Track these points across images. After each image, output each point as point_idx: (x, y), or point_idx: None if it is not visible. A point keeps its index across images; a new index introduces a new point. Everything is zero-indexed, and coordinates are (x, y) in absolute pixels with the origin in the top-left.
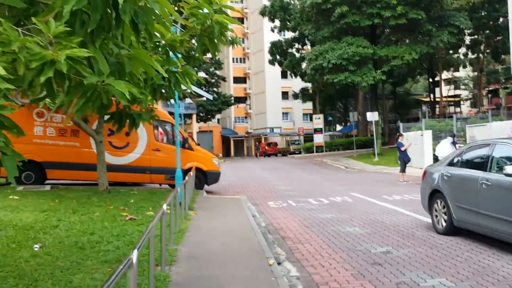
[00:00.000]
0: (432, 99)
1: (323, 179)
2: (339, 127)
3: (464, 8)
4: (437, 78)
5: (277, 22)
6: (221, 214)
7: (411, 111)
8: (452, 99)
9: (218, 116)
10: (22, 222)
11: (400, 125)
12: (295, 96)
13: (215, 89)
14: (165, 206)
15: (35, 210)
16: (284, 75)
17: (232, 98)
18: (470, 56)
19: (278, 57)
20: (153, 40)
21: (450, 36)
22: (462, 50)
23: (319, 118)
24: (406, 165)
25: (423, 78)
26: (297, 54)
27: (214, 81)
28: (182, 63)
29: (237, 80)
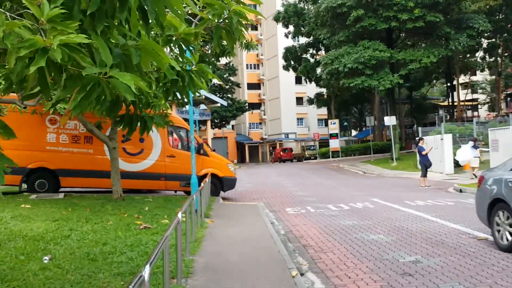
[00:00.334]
0: (450, 103)
1: (341, 185)
2: (354, 132)
3: (482, 10)
4: (454, 82)
5: (291, 28)
6: (238, 222)
7: (428, 116)
8: (469, 103)
9: (233, 122)
10: (32, 232)
11: (418, 129)
12: (310, 101)
13: (229, 95)
14: (180, 214)
15: (47, 219)
16: (298, 81)
17: (246, 104)
18: (488, 59)
19: (292, 62)
20: (164, 33)
21: (468, 38)
22: (480, 53)
23: (335, 123)
24: (427, 169)
25: (440, 83)
26: (311, 59)
27: (228, 87)
28: (197, 61)
29: (251, 86)
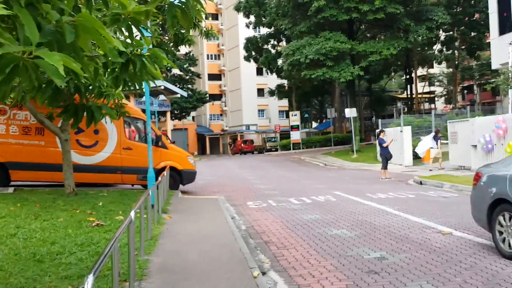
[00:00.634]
0: (408, 96)
1: (303, 177)
2: (315, 124)
3: (441, 3)
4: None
5: (252, 18)
6: (197, 217)
7: (386, 108)
8: (427, 96)
9: (193, 113)
10: None
11: (378, 121)
12: (271, 93)
13: (190, 86)
14: (133, 213)
15: None
16: (259, 72)
17: (207, 95)
18: (445, 52)
19: (253, 53)
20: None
21: (428, 31)
22: (437, 46)
23: (296, 115)
24: (388, 162)
25: (398, 75)
26: (272, 50)
27: (188, 77)
28: (149, 44)
29: (212, 77)
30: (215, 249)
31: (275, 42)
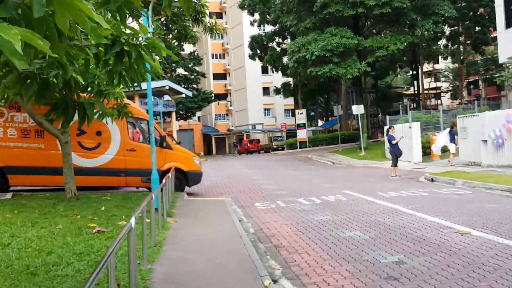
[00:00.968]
0: (415, 92)
1: (311, 176)
2: (321, 122)
3: None
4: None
5: (256, 16)
6: (204, 220)
7: (393, 105)
8: (433, 92)
9: (199, 113)
10: None
11: (386, 118)
12: (277, 91)
13: (195, 85)
14: (133, 219)
15: None
16: (264, 71)
17: (212, 95)
18: (451, 47)
19: (258, 51)
20: None
21: (434, 25)
22: (443, 41)
23: (302, 113)
24: (398, 159)
25: (403, 71)
26: (277, 48)
27: (193, 77)
28: (146, 33)
29: (217, 76)
30: (223, 256)
31: (280, 40)
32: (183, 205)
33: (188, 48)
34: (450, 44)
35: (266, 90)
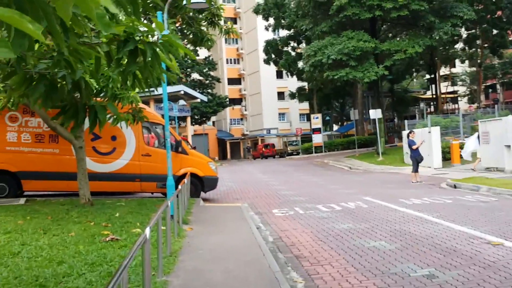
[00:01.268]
0: (433, 96)
1: (328, 182)
2: (336, 127)
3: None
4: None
5: (271, 20)
6: (220, 228)
7: (409, 109)
8: (450, 96)
9: (214, 118)
10: None
11: (405, 122)
12: (292, 96)
13: (210, 90)
14: (148, 230)
15: None
16: (279, 75)
17: (227, 100)
18: (468, 50)
19: (273, 56)
20: None
21: (453, 28)
22: (460, 45)
23: (318, 117)
24: (418, 164)
25: (419, 75)
26: (292, 53)
27: (208, 82)
28: (163, 30)
29: (231, 81)
30: (241, 266)
31: (295, 44)
32: (199, 211)
33: (203, 53)
34: (467, 47)
35: (281, 95)
